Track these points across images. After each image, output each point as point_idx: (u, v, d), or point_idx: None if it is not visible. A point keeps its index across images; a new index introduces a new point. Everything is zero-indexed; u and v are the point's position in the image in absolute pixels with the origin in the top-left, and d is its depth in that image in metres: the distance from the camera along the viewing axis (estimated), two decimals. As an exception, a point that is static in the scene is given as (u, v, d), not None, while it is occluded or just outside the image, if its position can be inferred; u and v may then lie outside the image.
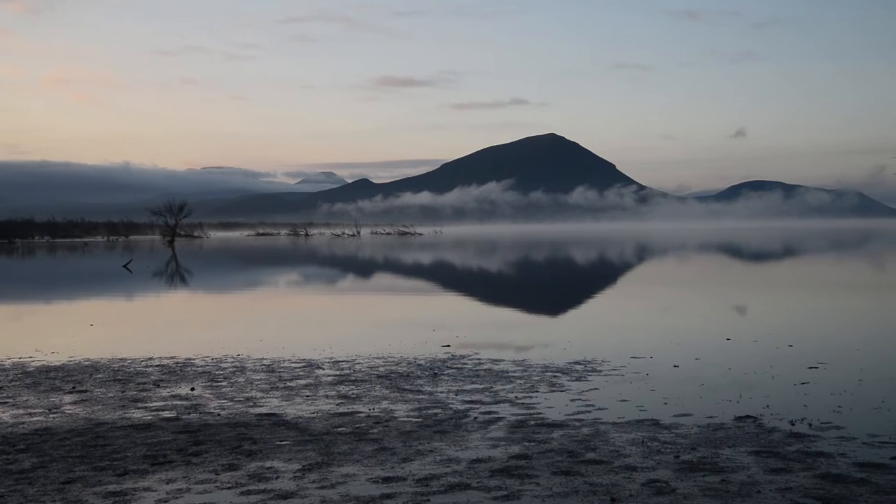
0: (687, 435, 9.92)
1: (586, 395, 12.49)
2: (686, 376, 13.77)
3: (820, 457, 8.86)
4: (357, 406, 11.99)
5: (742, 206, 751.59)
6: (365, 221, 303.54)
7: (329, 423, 10.94)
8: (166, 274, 51.80)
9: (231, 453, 9.45)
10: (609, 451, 9.23)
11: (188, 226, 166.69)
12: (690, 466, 8.56)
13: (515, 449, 9.40)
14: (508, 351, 17.09)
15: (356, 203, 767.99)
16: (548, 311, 27.48)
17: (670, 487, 7.88)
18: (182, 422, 11.13)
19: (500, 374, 14.42)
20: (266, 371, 15.11)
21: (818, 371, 13.96)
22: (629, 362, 15.19)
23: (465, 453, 9.26)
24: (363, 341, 18.75)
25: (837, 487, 7.80)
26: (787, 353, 15.87)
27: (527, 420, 10.89)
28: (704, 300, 28.89)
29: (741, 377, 13.59)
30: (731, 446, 9.35)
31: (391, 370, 14.97)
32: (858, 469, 8.40)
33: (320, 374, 14.76)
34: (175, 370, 15.40)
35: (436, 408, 11.76)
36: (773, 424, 10.37)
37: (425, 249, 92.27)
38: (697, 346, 17.16)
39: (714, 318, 22.99)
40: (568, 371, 14.48)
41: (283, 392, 13.13)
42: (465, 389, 13.08)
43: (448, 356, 16.47)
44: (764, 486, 7.85)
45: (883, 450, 9.13)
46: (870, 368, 14.15)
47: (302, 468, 8.79)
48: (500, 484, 8.10)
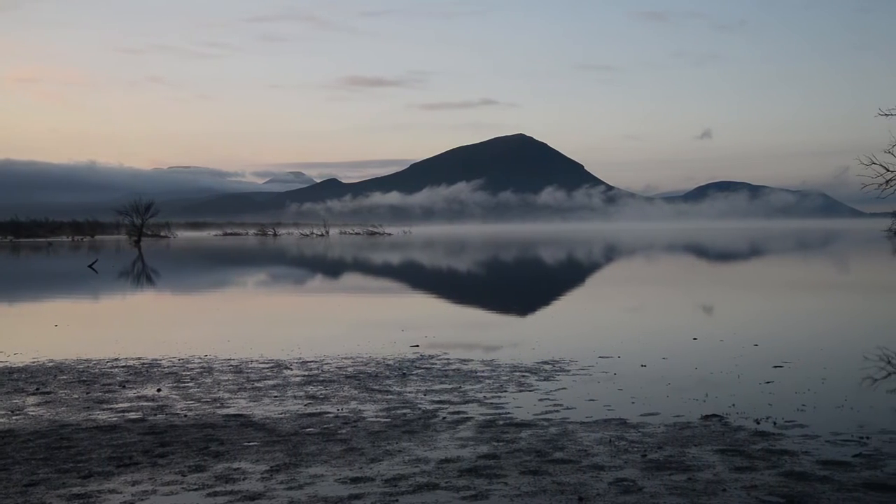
0: (654, 434, 9.99)
1: (554, 394, 12.55)
2: (653, 376, 13.87)
3: (784, 455, 8.97)
4: (325, 406, 11.95)
5: (708, 207, 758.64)
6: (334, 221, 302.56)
7: (297, 423, 10.89)
8: (132, 274, 51.30)
9: (198, 454, 9.37)
10: (577, 450, 9.28)
11: (155, 225, 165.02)
12: (657, 465, 8.62)
13: (484, 449, 9.41)
14: (477, 351, 17.11)
15: (325, 203, 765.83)
16: (516, 312, 27.56)
17: (637, 486, 7.93)
18: (148, 423, 11.02)
19: (469, 373, 14.44)
20: (234, 372, 15.01)
21: (783, 370, 14.12)
22: (597, 362, 15.28)
23: (434, 453, 9.26)
24: (332, 342, 18.69)
25: (801, 485, 7.90)
26: (752, 353, 16.03)
27: (495, 420, 10.91)
28: (671, 300, 29.11)
29: (707, 376, 13.72)
30: (697, 445, 9.43)
31: (360, 370, 14.94)
32: (822, 467, 8.50)
33: (288, 374, 14.69)
34: (141, 371, 15.26)
35: (404, 408, 11.75)
36: (738, 423, 10.48)
37: (394, 249, 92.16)
38: (665, 345, 17.29)
39: (681, 318, 23.18)
40: (536, 371, 14.53)
41: (250, 393, 13.06)
42: (434, 389, 13.09)
43: (417, 356, 16.46)
44: (729, 485, 7.93)
45: (845, 448, 9.25)
46: (833, 367, 14.34)
47: (270, 469, 8.75)
48: (468, 484, 8.11)
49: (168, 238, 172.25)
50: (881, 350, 16.09)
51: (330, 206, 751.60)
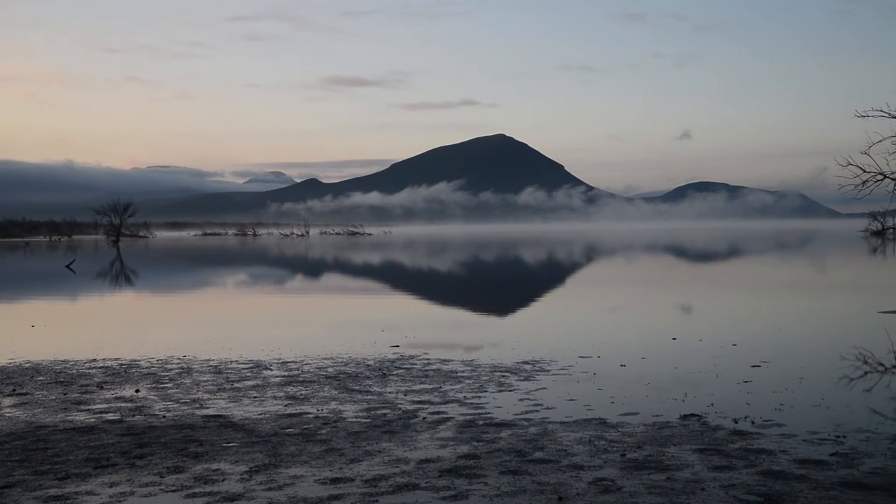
0: (633, 433, 10.03)
1: (534, 394, 12.57)
2: (633, 375, 13.93)
3: (762, 454, 9.03)
4: (305, 407, 11.92)
5: (688, 207, 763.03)
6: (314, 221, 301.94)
7: (277, 424, 10.86)
8: (110, 274, 50.94)
9: (176, 455, 9.32)
10: (557, 450, 9.30)
11: (133, 225, 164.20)
12: (636, 465, 8.66)
13: (464, 449, 9.42)
14: (457, 351, 17.12)
15: (305, 203, 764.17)
16: (497, 312, 27.59)
17: (616, 486, 7.96)
18: (126, 424, 10.95)
19: (449, 374, 14.44)
20: (213, 372, 14.94)
21: (761, 370, 14.21)
22: (577, 362, 15.32)
23: (414, 453, 9.26)
24: (312, 342, 18.64)
25: (778, 484, 7.95)
26: (731, 353, 16.13)
27: (475, 420, 10.92)
28: (651, 300, 29.23)
29: (686, 376, 13.79)
30: (676, 444, 9.48)
31: (340, 371, 14.91)
32: (799, 466, 8.57)
33: (268, 375, 14.64)
34: (119, 372, 15.16)
35: (384, 408, 11.74)
36: (717, 422, 10.54)
37: (375, 250, 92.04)
38: (644, 345, 17.36)
39: (660, 318, 23.27)
40: (516, 371, 14.56)
41: (230, 393, 13.00)
42: (414, 390, 13.08)
43: (397, 356, 16.45)
44: (708, 484, 7.97)
45: (822, 446, 9.33)
46: (810, 367, 14.45)
47: (249, 470, 8.71)
48: (448, 484, 8.12)
49: (147, 238, 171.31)
50: (857, 350, 16.23)
51: (310, 206, 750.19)
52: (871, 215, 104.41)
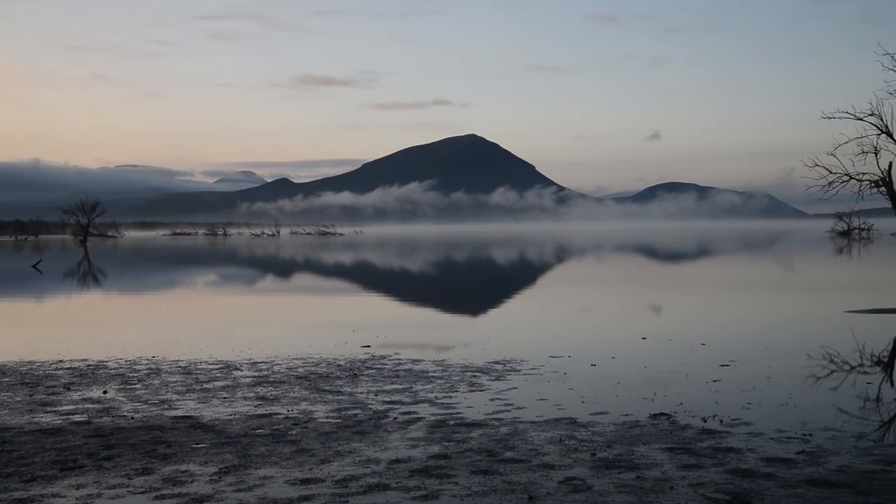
0: (603, 433, 10.08)
1: (505, 394, 12.60)
2: (603, 375, 14.00)
3: (730, 452, 9.11)
4: (275, 408, 11.86)
5: (657, 207, 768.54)
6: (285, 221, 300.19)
7: (247, 425, 10.80)
8: (78, 274, 50.40)
9: (145, 457, 9.24)
10: (527, 449, 9.33)
11: (101, 225, 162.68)
12: (606, 464, 8.70)
13: (435, 449, 9.42)
14: (429, 351, 17.12)
15: (276, 203, 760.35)
16: (468, 312, 27.63)
17: (587, 485, 8.00)
18: (94, 425, 10.84)
19: (420, 374, 14.44)
20: (182, 373, 14.83)
21: (729, 369, 14.34)
22: (548, 361, 15.37)
23: (385, 454, 9.24)
24: (282, 342, 18.56)
25: (746, 482, 8.03)
26: (700, 352, 16.26)
27: (446, 420, 10.92)
28: (621, 300, 29.40)
29: (656, 375, 13.88)
30: (645, 443, 9.54)
31: (310, 371, 14.85)
32: (766, 464, 8.65)
33: (238, 375, 14.56)
34: (86, 373, 15.00)
35: (355, 408, 11.71)
36: (686, 421, 10.62)
37: (346, 250, 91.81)
38: (614, 345, 17.46)
39: (630, 318, 23.42)
40: (487, 371, 14.58)
41: (199, 394, 12.91)
42: (385, 390, 13.06)
43: (368, 357, 16.42)
44: (677, 482, 8.03)
45: (789, 445, 9.43)
46: (778, 366, 14.59)
47: (218, 471, 8.66)
48: (419, 484, 8.11)
49: (115, 238, 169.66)
50: (824, 349, 16.42)
51: (281, 205, 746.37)
52: (838, 216, 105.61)
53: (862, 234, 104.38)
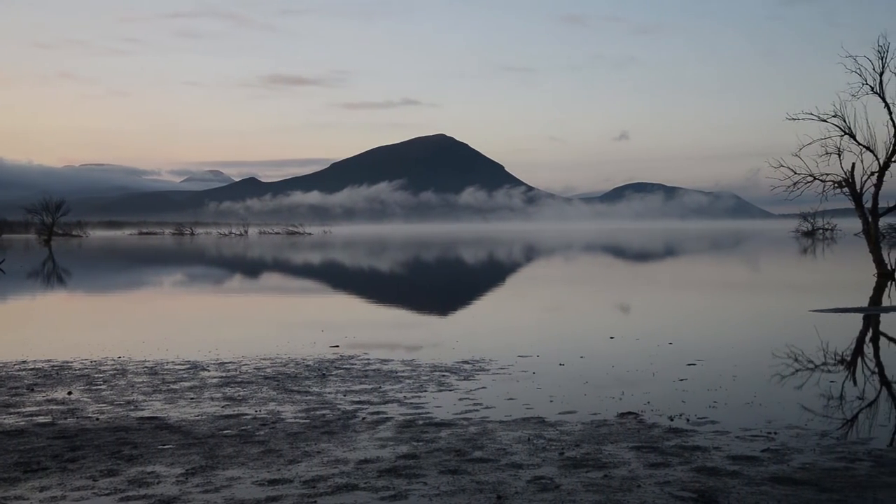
0: (571, 432, 10.13)
1: (474, 393, 12.61)
2: (571, 374, 14.06)
3: (696, 451, 9.18)
4: (243, 408, 11.79)
5: (625, 208, 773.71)
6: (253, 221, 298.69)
7: (214, 425, 10.72)
8: (42, 274, 49.75)
9: (110, 458, 9.15)
10: (496, 449, 9.34)
11: (66, 224, 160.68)
12: (574, 463, 8.74)
13: (403, 449, 9.41)
14: (397, 351, 17.10)
15: (244, 202, 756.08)
16: (437, 311, 27.63)
17: (555, 484, 8.03)
18: (58, 427, 10.71)
19: (389, 374, 14.42)
20: (148, 373, 14.69)
21: (696, 368, 14.46)
22: (516, 361, 15.41)
23: (353, 454, 9.22)
24: (250, 342, 18.44)
25: (712, 480, 8.10)
26: (667, 351, 16.38)
27: (415, 420, 10.92)
28: (589, 299, 29.56)
29: (624, 374, 13.96)
30: (613, 442, 9.59)
31: (278, 371, 14.78)
32: (731, 462, 8.74)
33: (205, 375, 14.45)
34: (51, 374, 14.81)
35: (324, 409, 11.67)
36: (653, 420, 10.69)
37: (314, 249, 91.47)
38: (582, 344, 17.55)
39: (598, 317, 23.55)
40: (456, 370, 14.59)
41: (166, 395, 12.80)
42: (354, 390, 13.03)
43: (336, 356, 16.37)
44: (644, 481, 8.09)
45: (754, 443, 9.53)
46: (743, 365, 14.74)
47: (185, 472, 8.59)
48: (387, 484, 8.10)
49: (81, 237, 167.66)
50: (789, 348, 16.61)
51: (249, 205, 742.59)
52: (802, 216, 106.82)
53: (826, 234, 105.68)
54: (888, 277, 32.91)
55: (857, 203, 35.32)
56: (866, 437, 9.86)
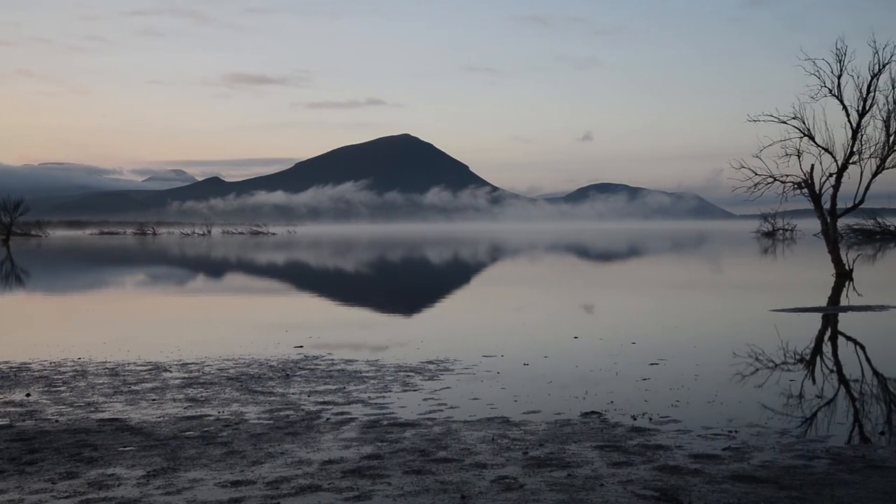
0: (535, 431, 10.16)
1: (439, 394, 12.62)
2: (535, 374, 14.11)
3: (659, 450, 9.26)
4: (206, 409, 11.69)
5: (589, 208, 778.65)
6: (217, 220, 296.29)
7: (176, 427, 10.62)
8: (0, 274, 48.97)
9: (69, 461, 9.03)
10: (460, 449, 9.36)
11: (25, 224, 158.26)
12: (538, 462, 8.78)
13: (368, 449, 9.39)
14: (362, 351, 17.06)
15: (208, 201, 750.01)
16: (402, 311, 27.61)
17: (518, 483, 8.05)
18: (16, 429, 10.55)
19: (354, 374, 14.38)
20: (109, 375, 14.52)
21: (658, 367, 14.58)
22: (481, 361, 15.44)
23: (317, 455, 9.18)
24: (213, 343, 18.30)
25: (674, 479, 8.17)
26: (630, 351, 16.50)
27: (379, 420, 10.90)
28: (553, 299, 29.69)
29: (587, 374, 14.04)
30: (576, 441, 9.65)
31: (242, 372, 14.67)
32: (693, 460, 8.82)
33: (167, 377, 14.31)
34: (8, 375, 14.58)
35: (287, 409, 11.61)
36: (616, 419, 10.77)
37: (279, 249, 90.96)
38: (546, 344, 17.61)
39: (562, 317, 23.66)
40: (421, 370, 14.58)
41: (127, 396, 12.66)
42: (318, 390, 12.98)
43: (301, 357, 16.29)
44: (607, 480, 8.14)
45: (715, 441, 9.63)
46: (705, 364, 14.89)
47: (146, 474, 8.50)
48: (351, 485, 8.08)
49: (40, 237, 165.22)
50: (749, 347, 16.80)
51: (213, 204, 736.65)
52: (763, 217, 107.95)
53: (786, 234, 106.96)
54: (846, 277, 33.41)
55: (816, 204, 35.82)
56: (824, 434, 10.00)
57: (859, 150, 34.64)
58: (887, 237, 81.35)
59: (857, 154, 34.68)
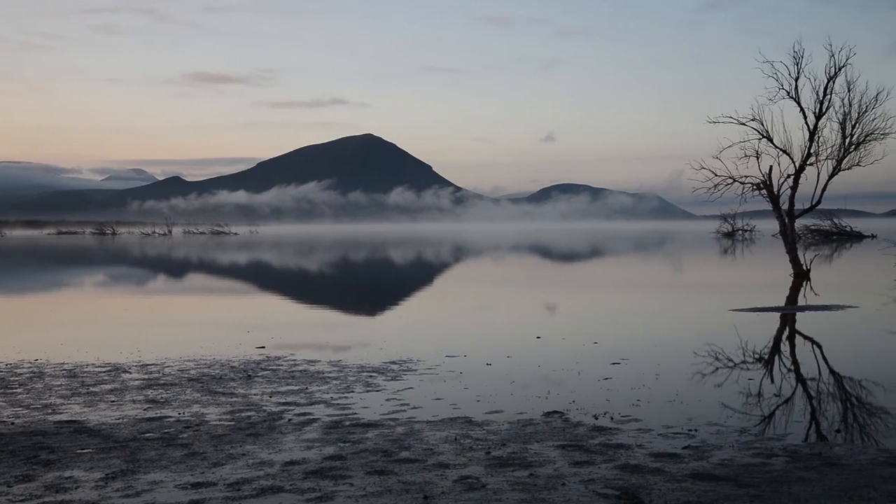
0: (498, 431, 10.19)
1: (401, 394, 12.60)
2: (498, 374, 14.15)
3: (620, 448, 9.33)
4: (166, 410, 11.58)
5: (552, 208, 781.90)
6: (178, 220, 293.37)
7: (135, 428, 10.50)
8: (-44, 274, 48.09)
9: (26, 464, 8.89)
10: (423, 449, 9.35)
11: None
12: (500, 462, 8.80)
13: (330, 450, 9.35)
14: (325, 352, 16.99)
15: (169, 201, 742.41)
16: (365, 312, 27.54)
17: (481, 483, 8.07)
18: (-29, 433, 10.36)
19: (316, 375, 14.31)
20: (67, 376, 14.32)
21: (620, 367, 14.69)
22: (444, 361, 15.44)
23: (279, 456, 9.13)
24: (174, 344, 18.12)
25: (635, 477, 8.24)
26: (592, 350, 16.60)
27: (342, 421, 10.86)
28: (516, 299, 29.79)
29: (550, 374, 14.10)
30: (539, 441, 9.69)
31: (203, 373, 14.55)
32: (654, 459, 8.90)
33: (127, 378, 14.14)
34: (-36, 377, 14.32)
35: (249, 410, 11.53)
36: (578, 419, 10.83)
37: (241, 249, 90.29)
38: (509, 344, 17.66)
39: (525, 317, 23.74)
40: (384, 371, 14.56)
41: (85, 398, 12.49)
42: (280, 391, 12.90)
43: (263, 358, 16.19)
44: (569, 479, 8.18)
45: (676, 440, 9.72)
46: (666, 363, 15.02)
47: (105, 476, 8.40)
48: (313, 486, 8.04)
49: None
50: (709, 346, 16.98)
51: (174, 204, 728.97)
52: (723, 217, 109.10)
53: (745, 235, 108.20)
54: (804, 277, 33.90)
55: (774, 205, 36.28)
56: (782, 433, 10.14)
57: (816, 152, 35.14)
58: (843, 238, 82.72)
59: (815, 156, 35.17)
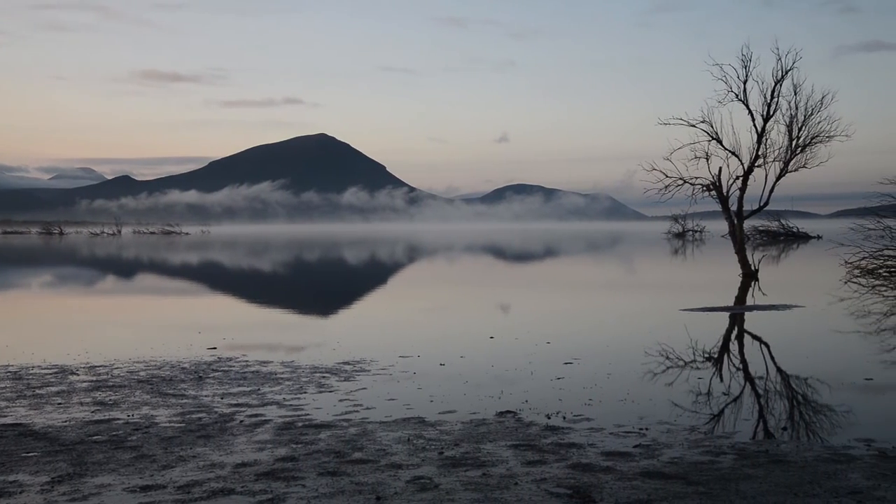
0: (451, 431, 10.20)
1: (354, 394, 12.56)
2: (451, 374, 14.16)
3: (572, 448, 9.40)
4: (115, 413, 11.40)
5: (505, 209, 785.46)
6: (128, 220, 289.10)
7: (83, 431, 10.33)
8: None
9: (-31, 469, 8.69)
10: (376, 450, 9.33)
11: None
12: (453, 462, 8.81)
13: (282, 451, 9.29)
14: (277, 352, 16.87)
15: (118, 200, 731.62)
16: (318, 312, 27.40)
17: (434, 483, 8.07)
18: (-88, 437, 10.11)
19: (268, 375, 14.21)
20: (12, 378, 14.03)
21: (572, 366, 14.79)
22: (397, 361, 15.42)
23: (230, 457, 9.05)
24: (123, 345, 17.85)
25: (587, 476, 8.30)
26: (544, 350, 16.69)
27: (294, 422, 10.80)
28: (470, 299, 29.84)
29: (503, 374, 14.16)
30: (492, 441, 9.72)
31: (153, 374, 14.35)
32: (605, 458, 8.98)
33: (74, 380, 13.90)
34: None
35: (200, 412, 11.40)
36: (531, 418, 10.88)
37: (192, 249, 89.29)
38: (462, 344, 17.70)
39: (478, 317, 23.80)
40: (337, 371, 14.50)
41: (30, 400, 12.26)
42: (232, 392, 12.78)
43: (214, 359, 16.02)
44: (521, 478, 8.22)
45: (627, 439, 9.82)
46: (617, 363, 15.16)
47: (51, 480, 8.24)
48: (265, 487, 7.98)
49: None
50: (660, 346, 17.17)
51: (124, 203, 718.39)
52: (673, 218, 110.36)
53: (695, 235, 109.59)
54: (752, 277, 34.42)
55: (723, 206, 36.79)
56: (731, 431, 10.30)
57: (764, 154, 35.71)
58: (790, 238, 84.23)
59: (762, 157, 35.74)
